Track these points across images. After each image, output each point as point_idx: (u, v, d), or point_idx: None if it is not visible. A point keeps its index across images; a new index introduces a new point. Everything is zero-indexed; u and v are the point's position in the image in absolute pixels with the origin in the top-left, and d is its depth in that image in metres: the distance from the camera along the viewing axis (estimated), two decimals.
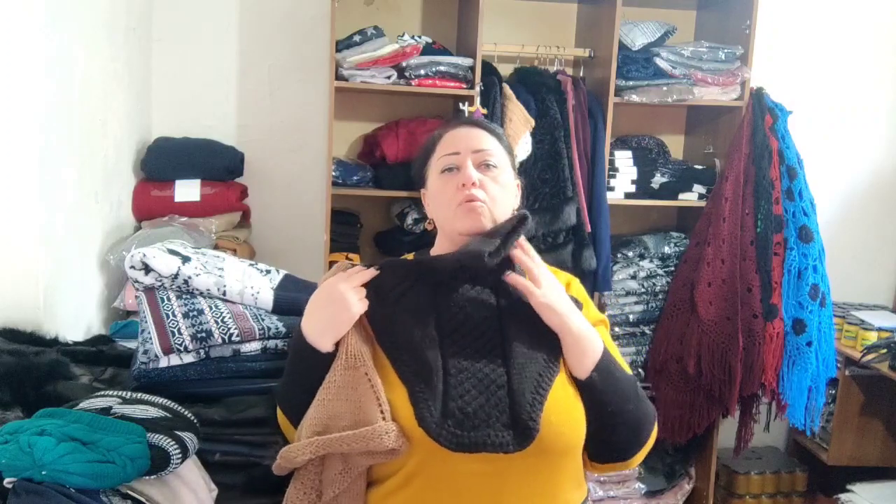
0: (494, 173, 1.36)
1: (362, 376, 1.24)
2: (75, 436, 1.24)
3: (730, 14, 3.07)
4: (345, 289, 1.28)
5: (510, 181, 1.39)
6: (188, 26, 2.98)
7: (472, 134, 1.39)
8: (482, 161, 1.36)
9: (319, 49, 3.03)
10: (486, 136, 1.40)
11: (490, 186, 1.34)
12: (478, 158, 1.36)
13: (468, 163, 1.35)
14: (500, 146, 1.40)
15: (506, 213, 1.37)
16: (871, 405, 3.13)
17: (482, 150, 1.36)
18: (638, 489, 3.18)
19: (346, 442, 1.20)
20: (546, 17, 3.20)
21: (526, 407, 1.19)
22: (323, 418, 1.24)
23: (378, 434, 1.17)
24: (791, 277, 2.92)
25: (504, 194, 1.36)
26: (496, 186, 1.35)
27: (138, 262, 1.83)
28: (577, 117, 2.89)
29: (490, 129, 1.43)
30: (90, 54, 2.20)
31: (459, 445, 1.17)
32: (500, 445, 1.17)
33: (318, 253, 2.95)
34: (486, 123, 1.44)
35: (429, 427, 1.17)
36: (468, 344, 1.26)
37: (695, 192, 3.09)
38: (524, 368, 1.23)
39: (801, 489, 3.36)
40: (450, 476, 1.20)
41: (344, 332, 1.27)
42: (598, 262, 2.87)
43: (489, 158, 1.36)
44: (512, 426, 1.18)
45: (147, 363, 1.69)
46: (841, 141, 3.45)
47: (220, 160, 2.80)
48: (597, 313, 1.41)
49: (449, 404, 1.19)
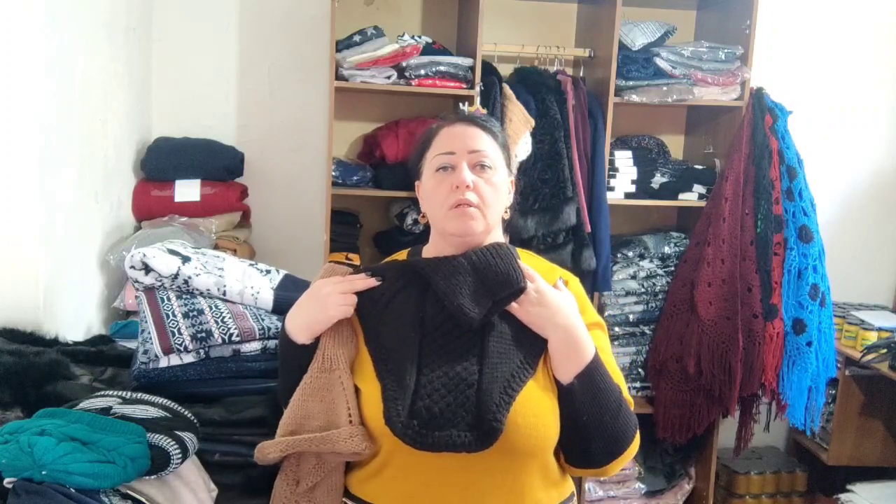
0: (488, 175, 1.36)
1: (336, 379, 1.30)
2: (75, 436, 1.25)
3: (730, 14, 3.07)
4: (329, 291, 1.32)
5: (504, 181, 1.39)
6: (188, 26, 2.98)
7: (469, 133, 1.38)
8: (477, 162, 1.36)
9: (319, 49, 3.03)
10: (483, 136, 1.39)
11: (483, 189, 1.34)
12: (473, 159, 1.35)
13: (463, 164, 1.35)
14: (495, 145, 1.40)
15: (498, 214, 1.38)
16: (871, 405, 3.12)
17: (477, 151, 1.36)
18: (638, 489, 3.18)
19: (313, 443, 1.29)
20: (546, 17, 3.20)
21: (491, 406, 1.21)
22: (297, 418, 1.32)
23: (342, 438, 1.27)
24: (791, 277, 2.92)
25: (497, 196, 1.37)
26: (489, 189, 1.35)
27: (138, 262, 1.83)
28: (577, 117, 2.89)
29: (487, 126, 1.42)
30: (90, 54, 2.20)
31: (423, 445, 1.21)
32: (461, 445, 1.20)
33: (318, 253, 2.95)
34: (483, 120, 1.43)
35: (394, 426, 1.22)
36: (447, 343, 1.29)
37: (695, 192, 3.09)
38: (496, 368, 1.26)
39: (801, 489, 3.36)
40: (419, 467, 1.26)
41: (319, 331, 1.33)
42: (597, 262, 2.87)
43: (484, 159, 1.36)
44: (476, 426, 1.21)
45: (147, 363, 1.69)
46: (841, 141, 3.45)
47: (220, 160, 2.80)
48: (593, 315, 1.41)
49: (417, 403, 1.23)
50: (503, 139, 1.44)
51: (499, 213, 1.38)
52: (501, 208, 1.39)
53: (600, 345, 1.35)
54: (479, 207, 1.33)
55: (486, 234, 1.38)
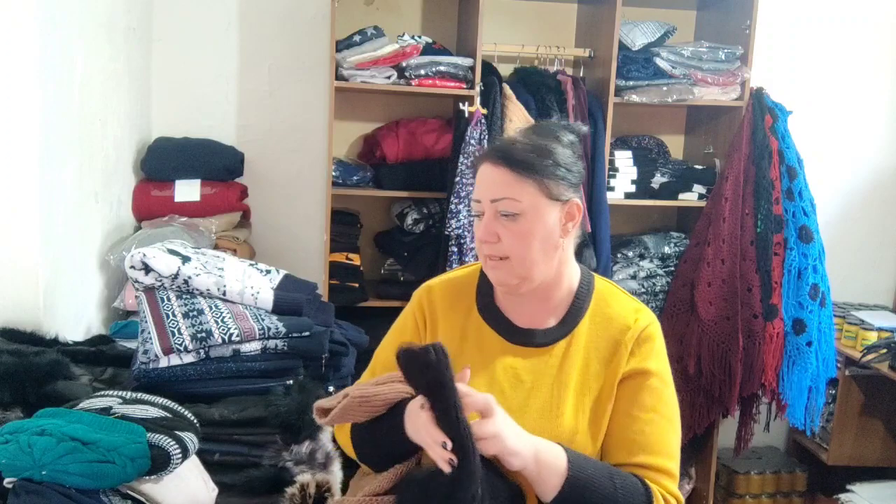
0: (514, 224, 1.25)
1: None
2: (75, 436, 1.24)
3: (730, 14, 3.07)
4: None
5: (541, 225, 1.26)
6: (188, 26, 2.98)
7: (494, 177, 1.27)
8: (500, 211, 1.26)
9: (319, 49, 3.03)
10: (509, 178, 1.25)
11: (507, 240, 1.26)
12: (497, 207, 1.26)
13: (487, 215, 1.27)
14: (527, 183, 1.25)
15: (540, 261, 1.28)
16: (871, 405, 3.13)
17: (500, 200, 1.25)
18: None
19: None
20: (546, 17, 3.20)
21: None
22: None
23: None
24: (791, 277, 2.92)
25: (526, 244, 1.26)
26: (515, 239, 1.25)
27: (138, 262, 1.83)
28: (577, 117, 2.89)
29: (519, 162, 1.25)
30: (90, 54, 2.20)
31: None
32: None
33: (318, 253, 2.95)
34: (515, 155, 1.26)
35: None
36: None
37: (695, 192, 3.09)
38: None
39: (801, 489, 3.36)
40: None
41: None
42: (598, 262, 2.87)
43: (507, 208, 1.25)
44: None
45: (147, 363, 1.69)
46: (841, 141, 3.45)
47: (220, 160, 2.80)
48: (654, 363, 1.30)
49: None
50: (546, 168, 1.26)
51: (540, 256, 1.27)
52: (544, 251, 1.27)
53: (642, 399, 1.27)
54: (510, 259, 1.26)
55: (530, 283, 1.29)
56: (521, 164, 1.25)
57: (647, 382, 1.29)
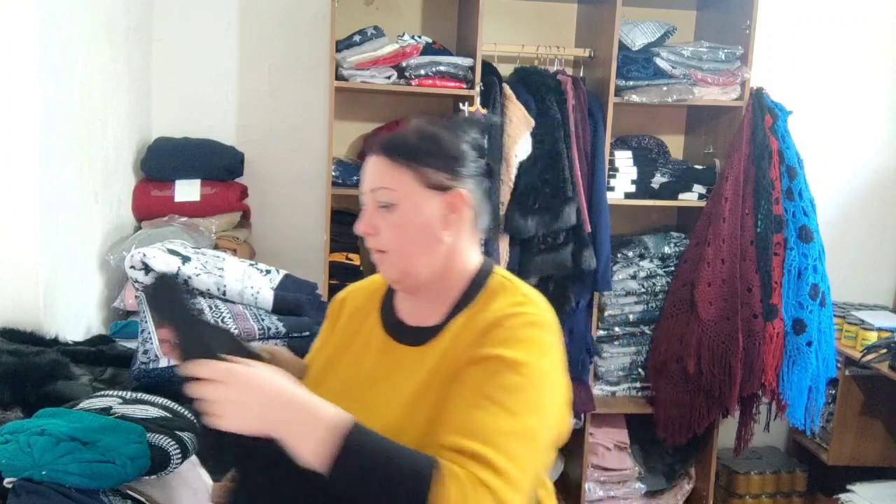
0: (391, 215, 1.20)
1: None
2: (75, 436, 1.25)
3: (730, 14, 3.07)
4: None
5: (417, 215, 1.19)
6: (188, 26, 2.98)
7: (373, 167, 1.23)
8: (378, 202, 1.21)
9: (319, 49, 3.03)
10: (384, 167, 1.21)
11: (385, 232, 1.21)
12: (375, 198, 1.21)
13: (367, 207, 1.23)
14: (403, 172, 1.19)
15: (417, 254, 1.21)
16: (871, 405, 3.12)
17: (377, 190, 1.21)
18: (638, 489, 3.18)
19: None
20: (546, 17, 3.20)
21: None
22: None
23: None
24: (791, 277, 2.92)
25: (403, 236, 1.20)
26: (392, 230, 1.20)
27: (138, 262, 1.83)
28: (577, 117, 2.89)
29: (395, 149, 1.21)
30: (90, 54, 2.20)
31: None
32: None
33: (318, 253, 2.95)
34: (393, 143, 1.22)
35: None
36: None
37: (695, 192, 3.09)
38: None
39: (801, 489, 3.36)
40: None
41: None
42: (598, 262, 2.87)
43: (383, 198, 1.20)
44: None
45: (147, 363, 1.69)
46: (841, 141, 3.44)
47: (220, 160, 2.80)
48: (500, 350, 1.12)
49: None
50: (427, 154, 1.20)
51: (419, 249, 1.21)
52: (424, 243, 1.21)
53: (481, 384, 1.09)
54: (387, 253, 1.21)
55: (413, 278, 1.22)
56: (397, 151, 1.20)
57: (483, 367, 1.11)
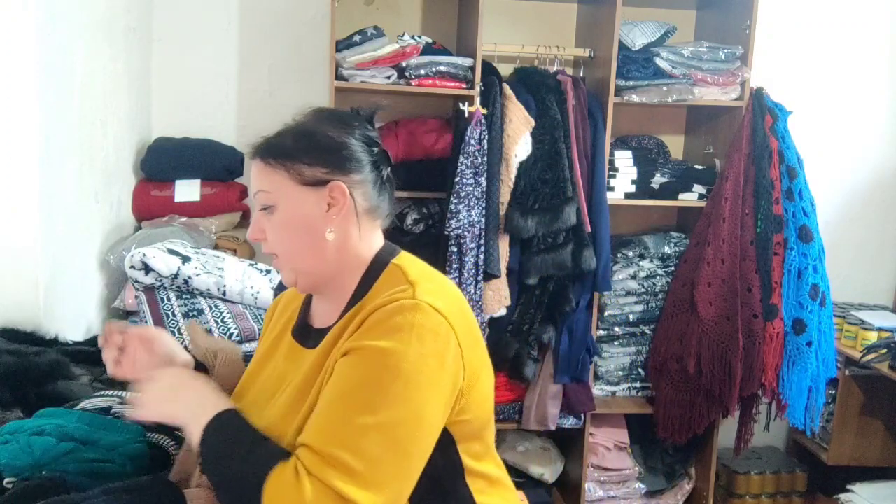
0: (273, 217, 1.17)
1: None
2: (75, 436, 1.25)
3: (730, 14, 3.07)
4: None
5: (296, 214, 1.16)
6: (188, 26, 2.98)
7: (253, 172, 1.20)
8: (260, 205, 1.19)
9: (319, 49, 3.03)
10: (260, 169, 1.18)
11: (271, 235, 1.19)
12: (258, 202, 1.20)
13: (255, 212, 1.21)
14: (276, 171, 1.17)
15: (304, 254, 1.18)
16: (871, 405, 3.12)
17: (257, 193, 1.19)
18: (638, 489, 3.18)
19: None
20: (546, 17, 3.20)
21: None
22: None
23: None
24: (791, 277, 2.92)
25: (286, 238, 1.18)
26: (276, 232, 1.18)
27: (138, 262, 1.83)
28: (577, 117, 2.89)
29: (266, 150, 1.18)
30: (90, 54, 2.20)
31: None
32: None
33: None
34: (266, 144, 1.19)
35: None
36: None
37: (695, 192, 3.09)
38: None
39: (801, 489, 3.36)
40: None
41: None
42: (597, 262, 2.87)
43: (263, 201, 1.18)
44: None
45: None
46: (841, 141, 3.45)
47: (220, 160, 2.80)
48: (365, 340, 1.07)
49: None
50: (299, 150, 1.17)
51: (306, 247, 1.18)
52: (309, 241, 1.17)
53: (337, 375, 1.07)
54: (279, 256, 1.20)
55: (310, 278, 1.20)
56: (270, 152, 1.18)
57: (356, 360, 1.06)
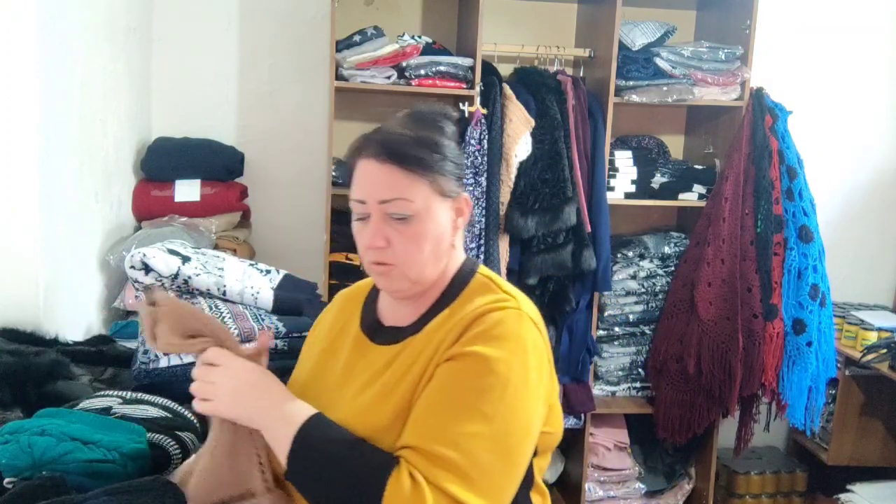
0: (407, 226, 1.15)
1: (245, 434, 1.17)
2: (76, 435, 1.24)
3: (730, 14, 3.07)
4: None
5: (434, 225, 1.17)
6: (188, 26, 2.98)
7: (381, 176, 1.15)
8: (390, 213, 1.15)
9: (319, 49, 3.03)
10: (398, 177, 1.15)
11: (399, 245, 1.15)
12: (385, 209, 1.15)
13: (375, 218, 1.16)
14: (419, 182, 1.15)
15: (430, 262, 1.18)
16: (871, 405, 3.12)
17: (389, 202, 1.14)
18: (638, 489, 3.18)
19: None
20: (546, 17, 3.20)
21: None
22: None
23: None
24: (791, 277, 2.92)
25: (419, 247, 1.16)
26: (408, 243, 1.15)
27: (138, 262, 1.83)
28: (577, 117, 2.89)
29: (409, 158, 1.15)
30: (90, 54, 2.20)
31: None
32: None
33: (318, 253, 2.95)
34: (404, 151, 1.15)
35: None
36: None
37: (695, 192, 3.09)
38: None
39: (801, 489, 3.36)
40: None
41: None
42: (597, 262, 2.87)
43: (399, 210, 1.14)
44: None
45: (147, 363, 1.69)
46: (841, 141, 3.45)
47: (220, 160, 2.80)
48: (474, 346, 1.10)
49: None
50: (438, 162, 1.17)
51: (433, 258, 1.18)
52: (437, 252, 1.18)
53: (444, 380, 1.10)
54: (398, 265, 1.16)
55: (421, 286, 1.20)
56: (412, 161, 1.15)
57: (459, 366, 1.09)
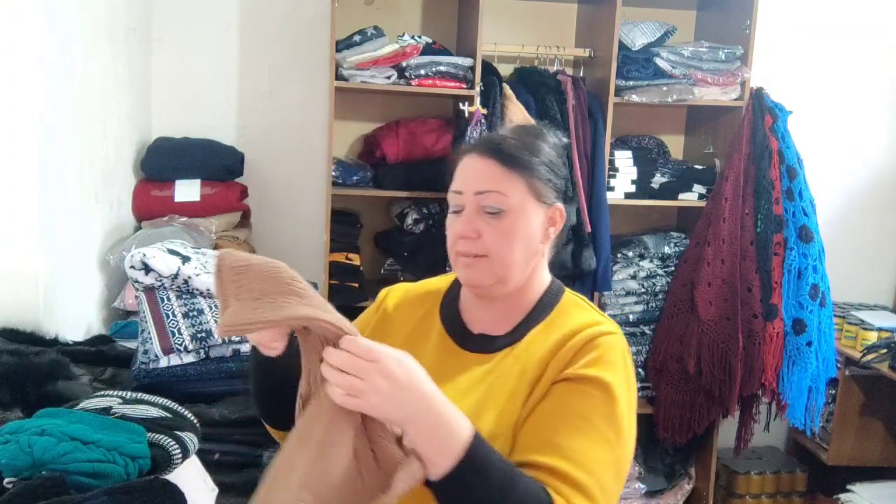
0: (498, 221, 1.17)
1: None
2: (76, 435, 1.24)
3: (730, 14, 3.07)
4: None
5: (525, 225, 1.18)
6: (188, 26, 2.98)
7: (481, 168, 1.19)
8: (484, 206, 1.18)
9: (319, 49, 3.03)
10: (497, 171, 1.18)
11: (489, 238, 1.17)
12: (479, 202, 1.18)
13: (468, 209, 1.19)
14: (516, 179, 1.18)
15: (519, 261, 1.19)
16: (871, 405, 3.13)
17: (485, 193, 1.17)
18: (638, 489, 3.18)
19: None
20: (546, 17, 3.20)
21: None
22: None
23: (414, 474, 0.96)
24: (791, 277, 2.92)
25: (509, 243, 1.17)
26: (499, 237, 1.17)
27: (138, 262, 1.83)
28: (577, 117, 2.89)
29: (509, 155, 1.18)
30: (90, 54, 2.20)
31: None
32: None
33: (318, 253, 2.95)
34: (506, 149, 1.19)
35: None
36: None
37: (695, 192, 3.09)
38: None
39: (801, 489, 3.36)
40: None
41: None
42: (597, 262, 2.87)
43: (492, 204, 1.17)
44: None
45: (147, 363, 1.69)
46: (841, 141, 3.45)
47: (220, 160, 2.80)
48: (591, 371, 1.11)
49: None
50: (537, 165, 1.19)
51: (521, 259, 1.19)
52: (525, 253, 1.19)
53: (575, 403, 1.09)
54: (486, 258, 1.17)
55: (504, 286, 1.20)
56: (512, 158, 1.18)
57: (584, 388, 1.11)
